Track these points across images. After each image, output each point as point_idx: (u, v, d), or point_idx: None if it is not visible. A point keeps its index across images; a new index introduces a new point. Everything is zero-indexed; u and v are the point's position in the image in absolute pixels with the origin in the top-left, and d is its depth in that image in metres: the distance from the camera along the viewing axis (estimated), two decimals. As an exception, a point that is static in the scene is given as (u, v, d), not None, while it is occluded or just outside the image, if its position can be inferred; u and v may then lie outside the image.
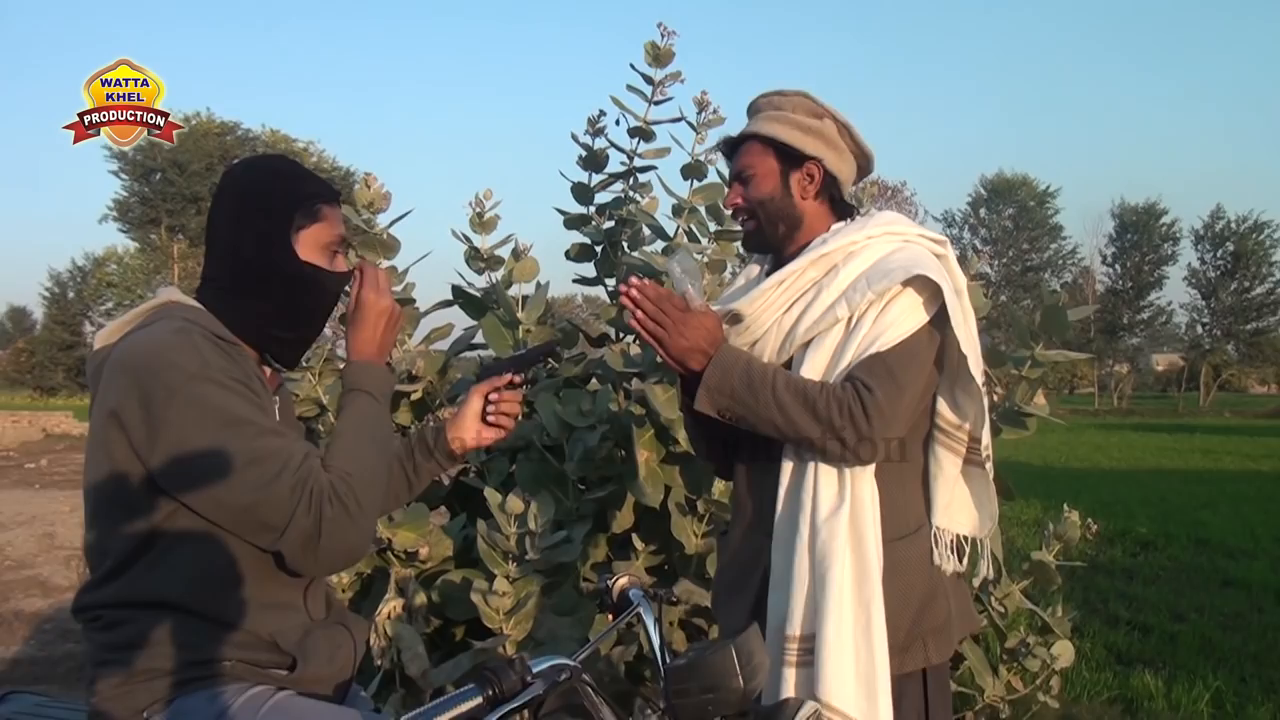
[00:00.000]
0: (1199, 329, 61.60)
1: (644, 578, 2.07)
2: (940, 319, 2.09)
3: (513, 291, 3.99)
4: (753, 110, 2.26)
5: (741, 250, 3.45)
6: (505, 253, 4.14)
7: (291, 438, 1.64)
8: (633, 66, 4.01)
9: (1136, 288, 61.05)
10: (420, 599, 3.10)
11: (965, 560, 2.23)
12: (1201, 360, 59.65)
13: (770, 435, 2.08)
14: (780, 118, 2.17)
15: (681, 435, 3.19)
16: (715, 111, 3.88)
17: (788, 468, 2.11)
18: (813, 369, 2.09)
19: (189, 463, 1.53)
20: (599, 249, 4.26)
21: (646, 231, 4.18)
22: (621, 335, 4.23)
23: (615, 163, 4.21)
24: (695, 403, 2.08)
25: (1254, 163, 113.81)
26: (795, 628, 2.02)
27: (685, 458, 3.31)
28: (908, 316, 2.06)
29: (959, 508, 2.21)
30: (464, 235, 4.20)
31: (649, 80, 4.02)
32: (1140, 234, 61.63)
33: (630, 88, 4.04)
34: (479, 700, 1.30)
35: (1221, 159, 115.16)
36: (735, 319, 2.17)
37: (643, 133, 4.09)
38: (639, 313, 2.03)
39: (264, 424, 1.59)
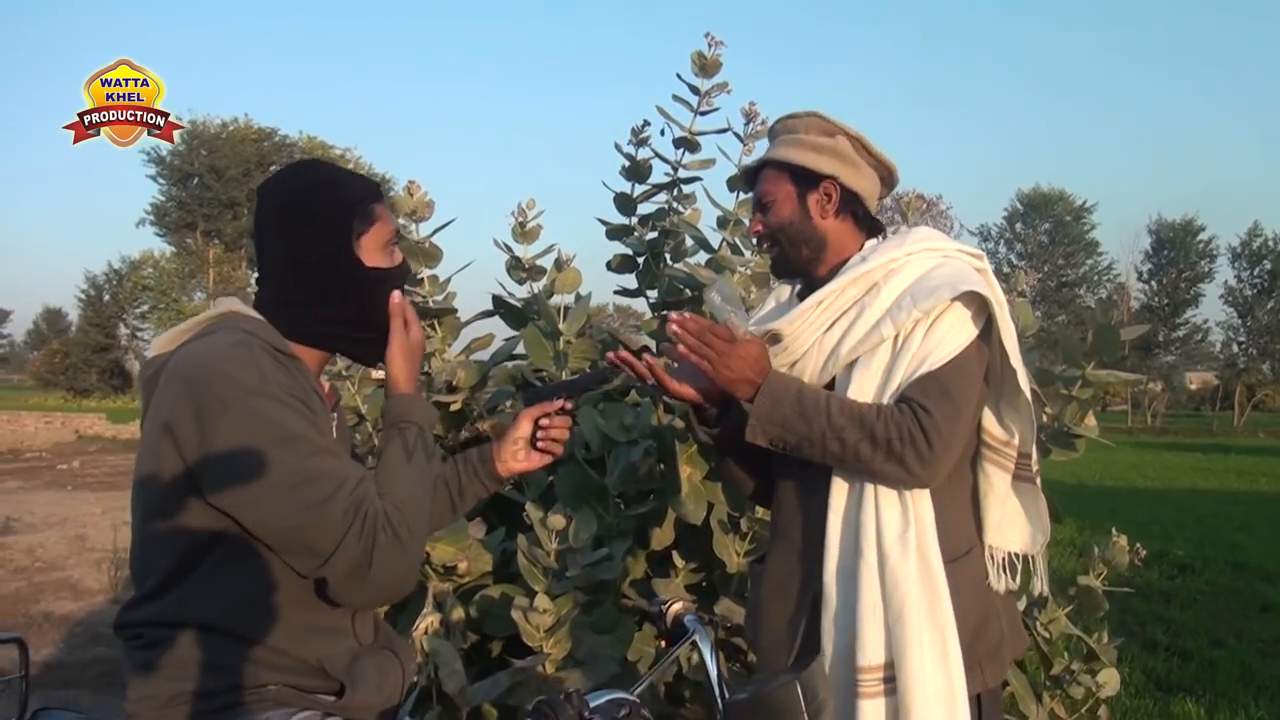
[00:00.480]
0: (1235, 348, 61.00)
1: (688, 599, 2.01)
2: (986, 333, 2.06)
3: (554, 301, 3.95)
4: (770, 136, 2.27)
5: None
6: (546, 262, 4.11)
7: (346, 459, 1.60)
8: (679, 76, 3.97)
9: (1172, 305, 60.51)
10: (458, 614, 3.05)
11: (1018, 579, 2.20)
12: (1236, 379, 59.02)
13: (826, 463, 2.04)
14: (792, 141, 2.17)
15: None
16: (763, 123, 3.82)
17: (840, 492, 2.06)
18: (861, 390, 2.05)
19: (239, 478, 1.49)
20: (641, 260, 4.21)
21: (689, 243, 4.14)
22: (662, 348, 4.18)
23: (659, 173, 4.17)
24: (746, 434, 2.04)
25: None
26: (869, 658, 1.97)
27: (728, 474, 3.26)
28: (956, 333, 2.02)
29: (1010, 524, 2.18)
30: (505, 245, 4.16)
31: (695, 90, 3.98)
32: (1177, 251, 61.11)
33: (676, 98, 4.00)
34: (536, 736, 1.25)
35: (1260, 175, 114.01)
36: (774, 339, 2.14)
37: (688, 143, 4.04)
38: (681, 347, 2.01)
39: (319, 442, 1.55)
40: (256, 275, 1.79)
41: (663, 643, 1.78)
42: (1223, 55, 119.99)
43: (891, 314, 2.03)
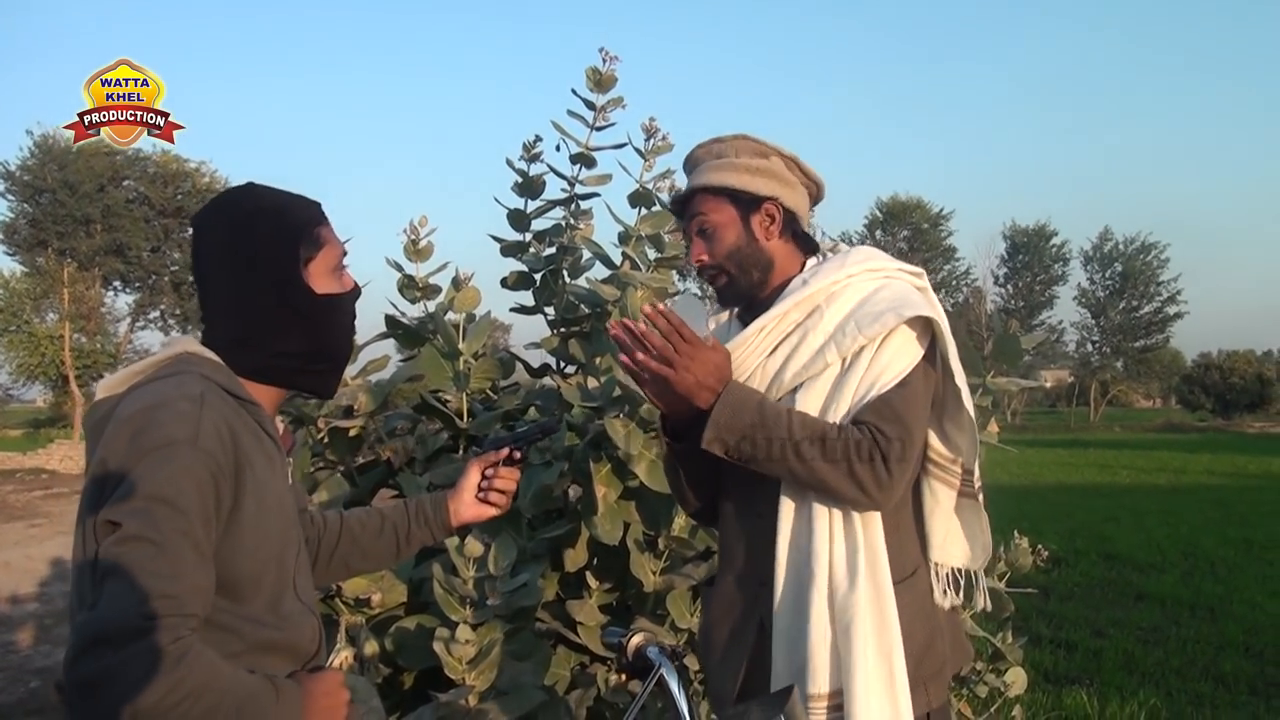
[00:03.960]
0: (1089, 346, 63.48)
1: (649, 630, 1.94)
2: (931, 353, 2.05)
3: (449, 319, 3.86)
4: (692, 162, 2.20)
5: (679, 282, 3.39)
6: (439, 280, 4.03)
7: (206, 567, 1.42)
8: (574, 92, 3.93)
9: (1028, 307, 62.66)
10: (372, 648, 2.95)
11: (961, 594, 2.19)
12: (1091, 377, 61.44)
13: (780, 477, 2.00)
14: (726, 165, 2.11)
15: (639, 469, 3.10)
16: (664, 138, 3.81)
17: (788, 514, 2.02)
18: (807, 411, 2.01)
19: (107, 500, 1.39)
20: (538, 277, 4.15)
21: (586, 259, 4.10)
22: (563, 365, 4.13)
23: (555, 189, 4.12)
24: (703, 441, 1.99)
25: (1142, 186, 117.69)
26: (819, 686, 1.94)
27: (643, 493, 3.22)
28: (903, 355, 2.01)
29: (954, 541, 2.17)
30: (397, 263, 4.07)
31: (590, 105, 3.94)
32: (1031, 255, 63.44)
33: (571, 113, 3.95)
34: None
35: (1111, 181, 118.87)
36: None
37: (584, 159, 4.00)
38: (642, 352, 1.94)
39: (195, 530, 1.40)
40: (201, 314, 1.68)
41: (622, 676, 1.71)
42: (1072, 66, 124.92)
43: (835, 339, 2.02)
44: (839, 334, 2.01)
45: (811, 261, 2.17)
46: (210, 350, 1.61)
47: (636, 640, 1.71)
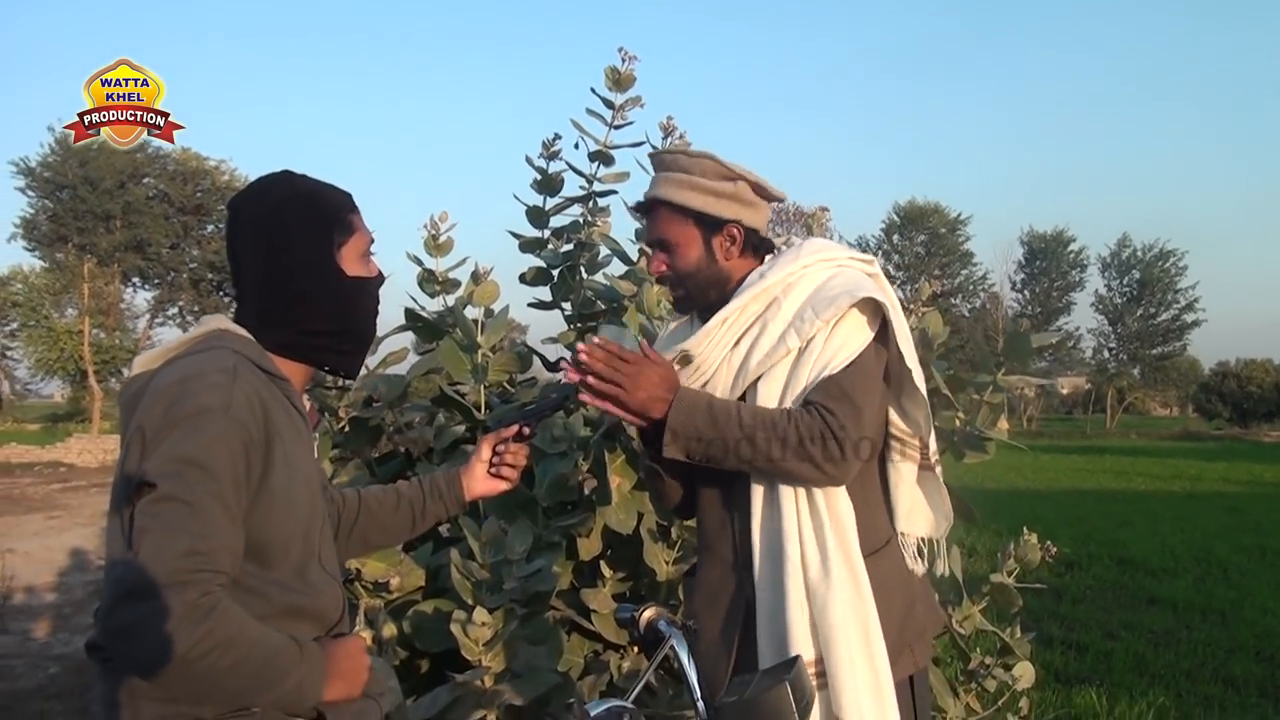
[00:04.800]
0: (1105, 353, 63.30)
1: (659, 605, 2.02)
2: (883, 335, 2.15)
3: (467, 314, 3.93)
4: (659, 165, 2.26)
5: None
6: (459, 275, 4.09)
7: (236, 528, 1.49)
8: (593, 90, 3.99)
9: (1045, 313, 62.56)
10: (390, 630, 3.02)
11: (929, 561, 2.32)
12: (1107, 384, 61.24)
13: (741, 469, 2.09)
14: (692, 184, 2.18)
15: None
16: (682, 137, 3.87)
17: (759, 499, 2.12)
18: (766, 400, 2.11)
19: (142, 465, 1.46)
20: (555, 273, 4.22)
21: (603, 255, 4.16)
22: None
23: (574, 186, 4.18)
24: (663, 449, 2.08)
25: (1160, 192, 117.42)
26: (801, 654, 2.02)
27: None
28: (853, 337, 2.10)
29: (918, 512, 2.28)
30: (417, 258, 4.13)
31: (609, 104, 4.00)
32: (1049, 261, 63.32)
33: (590, 111, 4.02)
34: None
35: (1129, 189, 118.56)
36: (685, 360, 2.18)
37: (602, 157, 4.07)
38: (591, 377, 2.03)
39: (227, 494, 1.47)
40: (235, 292, 1.76)
41: (635, 649, 1.78)
42: (1091, 71, 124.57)
43: (795, 326, 2.11)
44: (798, 320, 2.10)
45: (768, 258, 2.25)
46: (242, 327, 1.69)
47: (648, 614, 1.78)
